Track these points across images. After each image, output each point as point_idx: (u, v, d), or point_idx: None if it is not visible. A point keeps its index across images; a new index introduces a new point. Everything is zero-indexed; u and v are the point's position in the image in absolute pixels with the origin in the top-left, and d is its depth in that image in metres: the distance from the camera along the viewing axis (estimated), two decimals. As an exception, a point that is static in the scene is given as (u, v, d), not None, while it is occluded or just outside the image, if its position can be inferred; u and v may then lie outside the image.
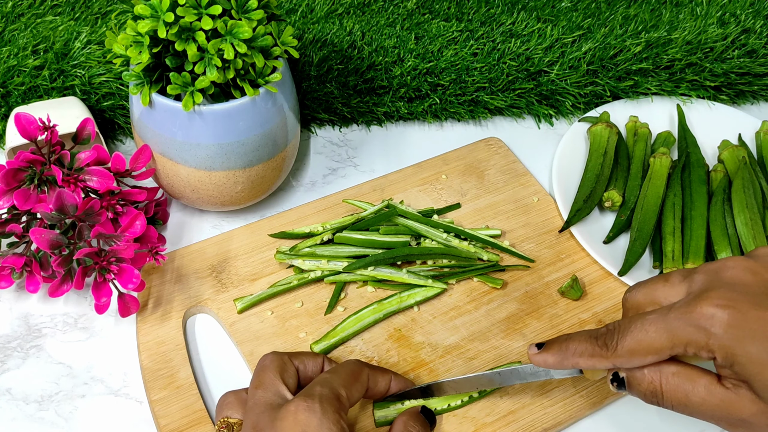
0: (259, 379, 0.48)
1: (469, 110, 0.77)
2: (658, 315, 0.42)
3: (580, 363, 0.45)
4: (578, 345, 0.45)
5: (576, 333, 0.46)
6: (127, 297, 0.56)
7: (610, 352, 0.43)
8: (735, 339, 0.39)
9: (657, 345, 0.41)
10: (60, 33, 0.71)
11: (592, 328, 0.45)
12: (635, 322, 0.42)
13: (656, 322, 0.41)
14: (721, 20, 0.78)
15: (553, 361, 0.46)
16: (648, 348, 0.42)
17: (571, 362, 0.45)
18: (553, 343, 0.46)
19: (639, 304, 0.45)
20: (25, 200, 0.56)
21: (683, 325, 0.40)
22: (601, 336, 0.44)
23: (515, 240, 0.66)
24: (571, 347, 0.45)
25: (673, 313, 0.41)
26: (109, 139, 0.73)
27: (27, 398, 0.55)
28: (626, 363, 0.43)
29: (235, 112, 0.57)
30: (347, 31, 0.74)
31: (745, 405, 0.40)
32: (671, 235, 0.65)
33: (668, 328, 0.41)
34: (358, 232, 0.62)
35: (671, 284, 0.44)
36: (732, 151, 0.72)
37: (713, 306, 0.40)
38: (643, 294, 0.45)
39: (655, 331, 0.41)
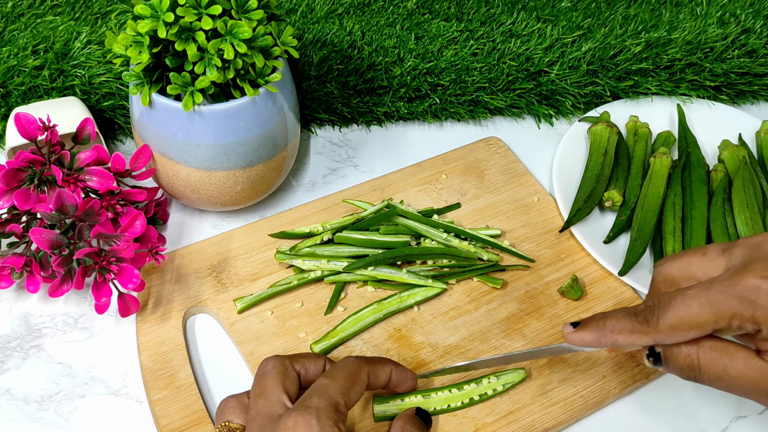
0: (260, 386, 0.48)
1: (469, 110, 0.77)
2: (700, 289, 0.41)
3: (619, 340, 0.44)
4: (617, 322, 0.44)
5: (613, 311, 0.46)
6: (127, 297, 0.56)
7: (651, 328, 0.43)
8: None
9: (700, 319, 0.41)
10: (60, 33, 0.71)
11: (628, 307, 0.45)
12: (676, 297, 0.42)
13: (698, 296, 0.41)
14: (721, 20, 0.78)
15: (591, 339, 0.46)
16: (690, 323, 0.41)
17: (609, 339, 0.45)
18: (590, 321, 0.46)
19: (673, 278, 0.45)
20: (25, 200, 0.56)
21: (728, 298, 0.40)
22: (641, 312, 0.44)
23: (515, 240, 0.66)
24: (609, 324, 0.45)
25: (716, 287, 0.41)
26: (109, 139, 0.73)
27: (27, 398, 0.55)
28: (668, 339, 0.43)
29: (235, 112, 0.57)
30: (347, 31, 0.74)
31: None
32: (672, 234, 0.65)
33: (712, 301, 0.41)
34: (358, 232, 0.62)
35: (709, 258, 0.44)
36: (732, 150, 0.72)
37: (758, 278, 0.40)
38: (677, 267, 0.45)
39: (698, 305, 0.41)
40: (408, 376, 0.53)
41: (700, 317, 0.41)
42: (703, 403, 0.57)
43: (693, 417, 0.57)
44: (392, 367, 0.52)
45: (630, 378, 0.57)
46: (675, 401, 0.57)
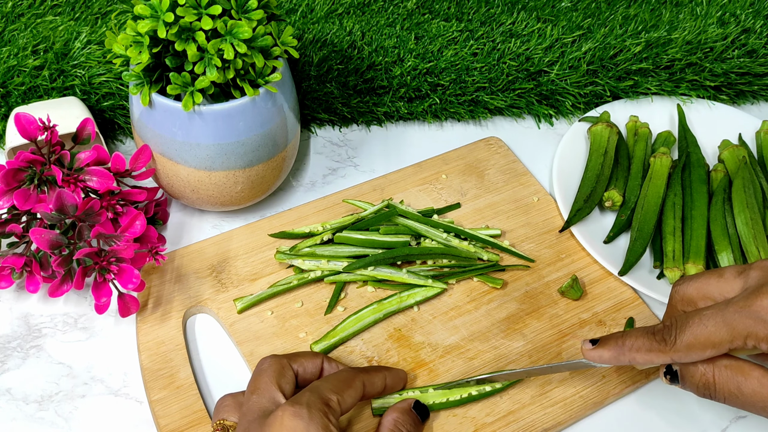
0: (255, 384, 0.48)
1: (469, 110, 0.76)
2: (716, 310, 0.43)
3: (637, 358, 0.46)
4: (635, 341, 0.46)
5: (631, 329, 0.47)
6: (127, 297, 0.56)
7: (668, 347, 0.44)
8: None
9: (716, 339, 0.42)
10: (60, 33, 0.71)
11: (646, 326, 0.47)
12: (693, 318, 0.43)
13: (714, 316, 0.43)
14: (721, 20, 0.78)
15: (609, 356, 0.47)
16: (706, 342, 0.43)
17: (627, 357, 0.46)
18: (609, 338, 0.48)
19: (690, 298, 0.46)
20: (25, 200, 0.56)
21: (743, 318, 0.41)
22: (659, 332, 0.45)
23: (515, 240, 0.66)
24: (628, 343, 0.46)
25: (731, 307, 0.42)
26: (109, 139, 0.73)
27: (27, 398, 0.55)
28: (685, 358, 0.44)
29: (235, 112, 0.57)
30: (347, 31, 0.74)
31: None
32: (672, 234, 0.65)
33: (727, 321, 0.42)
34: (358, 232, 0.62)
35: (725, 279, 0.45)
36: (732, 150, 0.72)
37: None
38: (694, 288, 0.46)
39: (714, 326, 0.42)
40: (401, 377, 0.54)
41: (716, 337, 0.42)
42: (703, 403, 0.57)
43: (693, 417, 0.57)
44: (386, 373, 0.52)
45: (630, 378, 0.57)
46: (675, 401, 0.57)
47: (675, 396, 0.57)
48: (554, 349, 0.59)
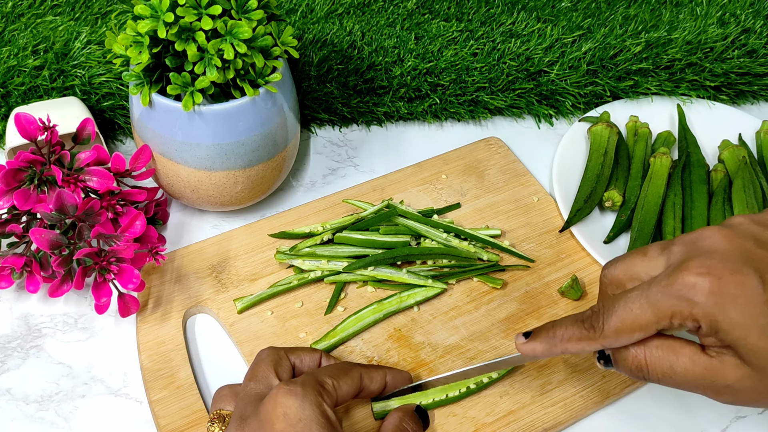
0: (253, 371, 0.49)
1: (469, 110, 0.77)
2: (640, 291, 0.42)
3: (569, 348, 0.45)
4: (565, 330, 0.45)
5: (561, 318, 0.46)
6: (127, 297, 0.56)
7: (597, 334, 0.43)
8: (717, 306, 0.39)
9: (643, 321, 0.41)
10: (60, 33, 0.71)
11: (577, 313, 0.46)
12: (618, 301, 0.42)
13: (639, 298, 0.42)
14: (721, 20, 0.78)
15: (542, 349, 0.46)
16: (634, 325, 0.42)
17: (560, 348, 0.46)
18: (540, 330, 0.47)
19: (618, 280, 0.45)
20: (25, 200, 0.56)
21: (666, 298, 0.40)
22: (587, 318, 0.44)
23: (515, 240, 0.66)
24: (558, 333, 0.45)
25: (654, 287, 0.41)
26: (109, 139, 0.73)
27: (27, 398, 0.55)
28: (615, 343, 0.43)
29: (234, 113, 0.57)
30: (347, 31, 0.74)
31: (730, 371, 0.40)
32: (672, 234, 0.65)
33: (651, 302, 0.41)
34: (358, 232, 0.62)
35: (650, 258, 0.44)
36: (732, 150, 0.72)
37: (694, 275, 0.40)
38: (621, 270, 0.45)
39: (639, 308, 0.41)
40: (404, 377, 0.54)
41: (642, 319, 0.41)
42: (703, 403, 0.57)
43: (693, 417, 0.57)
44: (386, 371, 0.52)
45: (630, 378, 0.57)
46: (675, 401, 0.57)
47: (675, 396, 0.57)
48: (554, 349, 0.59)
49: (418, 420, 0.51)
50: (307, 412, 0.43)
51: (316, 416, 0.44)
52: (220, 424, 0.48)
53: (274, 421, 0.43)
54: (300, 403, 0.44)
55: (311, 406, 0.44)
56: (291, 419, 0.43)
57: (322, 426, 0.43)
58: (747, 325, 0.39)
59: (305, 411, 0.43)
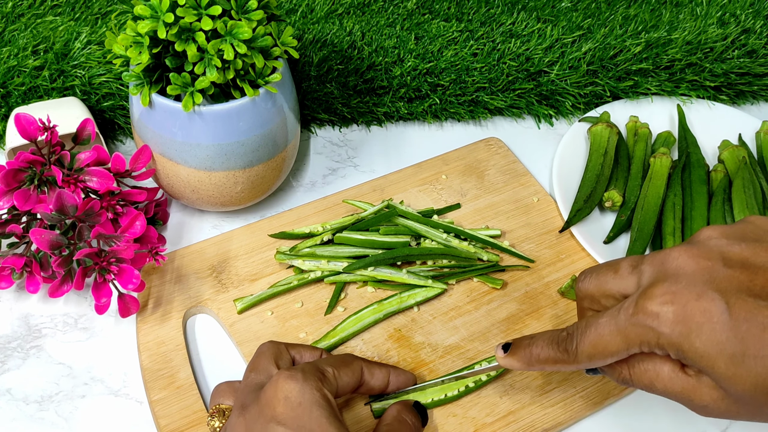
0: (254, 364, 0.49)
1: (469, 110, 0.77)
2: (610, 317, 0.42)
3: (546, 368, 0.46)
4: (541, 350, 0.45)
5: (539, 336, 0.46)
6: (127, 297, 0.56)
7: (571, 358, 0.43)
8: (681, 336, 0.39)
9: (613, 348, 0.41)
10: (60, 33, 0.71)
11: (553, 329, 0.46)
12: (590, 326, 0.42)
13: (608, 324, 0.41)
14: (721, 20, 0.78)
15: (519, 365, 0.47)
16: (605, 351, 0.42)
17: (536, 366, 0.46)
18: (518, 347, 0.47)
19: (592, 295, 0.45)
20: (25, 201, 0.56)
21: (633, 327, 0.40)
22: (562, 341, 0.44)
23: (515, 240, 0.66)
24: (534, 352, 0.46)
25: (622, 314, 0.41)
26: (109, 140, 0.73)
27: (27, 398, 0.55)
28: (588, 365, 0.43)
29: (234, 113, 0.57)
30: (347, 32, 0.74)
31: (706, 392, 0.40)
32: (671, 235, 0.65)
33: (620, 330, 0.41)
34: (358, 233, 0.62)
35: (621, 276, 0.44)
36: (732, 151, 0.72)
37: (658, 304, 0.39)
38: (594, 286, 0.45)
39: (609, 335, 0.41)
40: (408, 377, 0.54)
41: (612, 346, 0.41)
42: (703, 403, 0.57)
43: (693, 417, 0.56)
44: (390, 369, 0.52)
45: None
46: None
47: (675, 396, 0.57)
48: (554, 350, 0.59)
49: (416, 414, 0.51)
50: (308, 396, 0.44)
51: (316, 399, 0.44)
52: (220, 417, 0.48)
53: (275, 404, 0.44)
54: (300, 386, 0.44)
55: (311, 390, 0.44)
56: (292, 402, 0.43)
57: (323, 408, 0.44)
58: (712, 355, 0.38)
59: (305, 394, 0.44)
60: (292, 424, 0.43)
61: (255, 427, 0.44)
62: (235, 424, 0.45)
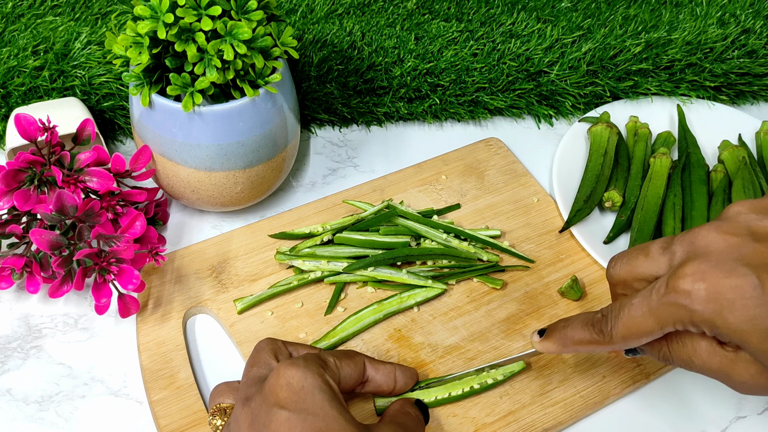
0: (254, 359, 0.49)
1: (468, 110, 0.77)
2: (642, 298, 0.42)
3: (580, 349, 0.47)
4: (576, 332, 0.46)
5: (574, 318, 0.47)
6: (127, 297, 0.56)
7: (606, 339, 0.44)
8: (714, 312, 0.39)
9: (647, 328, 0.42)
10: (60, 33, 0.71)
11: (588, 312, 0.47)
12: (624, 308, 0.43)
13: (641, 306, 0.42)
14: (721, 21, 0.78)
15: (555, 348, 0.48)
16: (639, 332, 0.43)
17: (572, 349, 0.47)
18: (554, 330, 0.48)
19: (624, 280, 0.46)
20: (25, 201, 0.56)
21: (665, 306, 0.41)
22: (597, 323, 0.45)
23: (515, 240, 0.66)
24: (569, 335, 0.47)
25: (654, 294, 0.42)
26: (109, 140, 0.73)
27: (27, 399, 0.55)
28: (624, 346, 0.44)
29: (234, 113, 0.57)
30: (347, 32, 0.74)
31: (743, 367, 0.41)
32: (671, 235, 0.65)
33: (653, 310, 0.41)
34: (358, 233, 0.62)
35: (652, 258, 0.44)
36: (732, 151, 0.72)
37: (689, 282, 0.40)
38: (625, 270, 0.46)
39: (642, 316, 0.42)
40: (413, 373, 0.54)
41: (646, 326, 0.42)
42: (703, 403, 0.57)
43: (693, 417, 0.57)
44: (396, 368, 0.53)
45: (630, 378, 0.57)
46: (675, 401, 0.57)
47: (675, 396, 0.57)
48: (554, 350, 0.59)
49: (419, 409, 0.52)
50: (310, 380, 0.44)
51: (318, 384, 0.44)
52: (221, 416, 0.48)
53: (278, 390, 0.44)
54: (302, 372, 0.44)
55: (313, 375, 0.45)
56: (294, 387, 0.44)
57: (324, 392, 0.44)
58: (746, 330, 0.39)
59: (308, 379, 0.44)
60: (294, 407, 0.43)
61: (259, 414, 0.44)
62: (239, 415, 0.46)
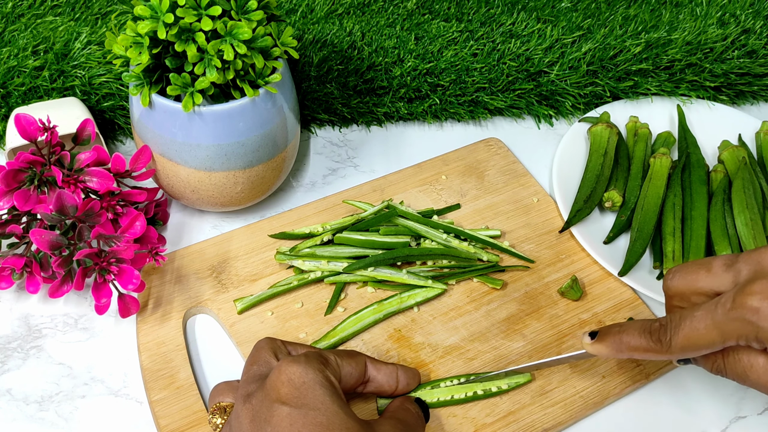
0: (254, 357, 0.49)
1: (468, 111, 0.77)
2: (706, 311, 0.43)
3: (635, 355, 0.47)
4: (632, 338, 0.47)
5: (629, 325, 0.47)
6: (127, 297, 0.56)
7: (664, 348, 0.45)
8: None
9: (708, 340, 0.43)
10: (60, 33, 0.71)
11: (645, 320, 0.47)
12: (685, 319, 0.44)
13: (705, 318, 0.43)
14: (720, 21, 0.78)
15: (608, 352, 0.48)
16: (699, 344, 0.43)
17: (625, 354, 0.47)
18: (607, 334, 0.48)
19: (682, 293, 0.47)
20: (26, 201, 0.56)
21: (731, 321, 0.41)
22: (655, 331, 0.45)
23: (515, 240, 0.66)
24: (625, 340, 0.47)
25: (720, 309, 0.42)
26: (109, 140, 0.73)
27: (27, 399, 0.55)
28: (681, 356, 0.45)
29: (234, 113, 0.57)
30: (347, 32, 0.74)
31: None
32: (671, 235, 0.65)
33: (717, 324, 0.42)
34: (358, 233, 0.62)
35: (714, 274, 0.45)
36: (732, 151, 0.72)
37: (758, 300, 0.40)
38: (684, 284, 0.46)
39: (705, 328, 0.43)
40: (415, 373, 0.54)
41: (708, 339, 0.43)
42: (703, 403, 0.57)
43: (693, 417, 0.57)
44: (397, 366, 0.53)
45: (629, 378, 0.57)
46: (675, 402, 0.57)
47: (675, 396, 0.57)
48: (554, 350, 0.59)
49: (419, 407, 0.52)
50: (311, 376, 0.45)
51: (319, 380, 0.45)
52: (221, 414, 0.48)
53: (279, 387, 0.44)
54: (303, 368, 0.45)
55: (314, 371, 0.45)
56: (295, 383, 0.44)
57: (325, 388, 0.45)
58: None
59: (309, 375, 0.45)
60: (295, 403, 0.43)
61: (261, 410, 0.44)
62: (240, 412, 0.46)
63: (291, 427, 0.43)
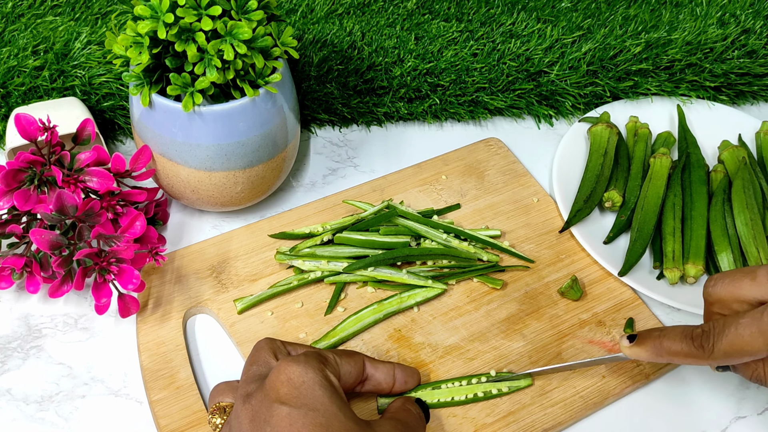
0: (253, 357, 0.50)
1: (468, 111, 0.77)
2: (752, 319, 0.43)
3: (675, 360, 0.47)
4: (673, 343, 0.47)
5: (670, 330, 0.47)
6: (127, 297, 0.56)
7: (706, 354, 0.45)
8: None
9: (753, 348, 0.43)
10: (60, 33, 0.71)
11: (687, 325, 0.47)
12: (730, 326, 0.44)
13: (750, 326, 0.43)
14: (720, 21, 0.78)
15: (647, 356, 0.48)
16: (743, 351, 0.43)
17: (665, 359, 0.47)
18: (647, 338, 0.48)
19: (723, 301, 0.47)
20: (26, 201, 0.56)
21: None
22: (697, 337, 0.45)
23: (515, 240, 0.66)
24: (665, 345, 0.47)
25: (766, 318, 0.42)
26: (109, 140, 0.73)
27: (27, 399, 0.55)
28: (723, 363, 0.45)
29: (234, 113, 0.57)
30: (347, 32, 0.74)
31: None
32: (671, 235, 0.65)
33: (763, 331, 0.42)
34: (358, 233, 0.62)
35: (758, 283, 0.45)
36: (732, 151, 0.72)
37: None
38: (726, 291, 0.46)
39: (750, 336, 0.43)
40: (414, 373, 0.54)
41: (753, 346, 0.43)
42: (703, 403, 0.57)
43: (693, 417, 0.57)
44: (395, 365, 0.53)
45: (629, 379, 0.57)
46: (674, 402, 0.57)
47: (675, 396, 0.57)
48: (554, 350, 0.59)
49: (419, 407, 0.52)
50: (310, 375, 0.45)
51: (318, 379, 0.45)
52: (221, 414, 0.48)
53: (279, 386, 0.44)
54: (303, 368, 0.45)
55: (314, 371, 0.45)
56: (295, 382, 0.44)
57: (324, 388, 0.45)
58: None
59: (308, 374, 0.45)
60: (295, 402, 0.44)
61: (260, 410, 0.44)
62: (240, 412, 0.46)
63: (290, 427, 0.43)
